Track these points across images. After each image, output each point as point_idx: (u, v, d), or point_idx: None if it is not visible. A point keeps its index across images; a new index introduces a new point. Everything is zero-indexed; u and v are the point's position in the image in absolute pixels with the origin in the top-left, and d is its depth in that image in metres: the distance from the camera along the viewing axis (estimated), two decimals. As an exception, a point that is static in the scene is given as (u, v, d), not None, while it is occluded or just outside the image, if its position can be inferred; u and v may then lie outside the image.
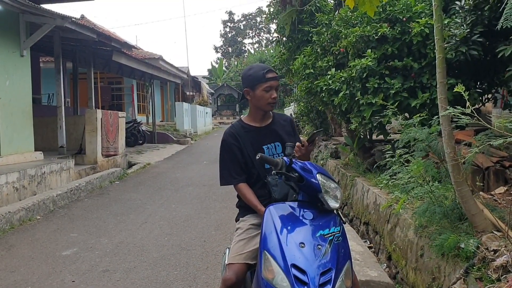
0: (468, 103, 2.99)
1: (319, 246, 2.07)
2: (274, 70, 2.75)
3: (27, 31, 9.13)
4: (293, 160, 2.37)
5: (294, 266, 2.00)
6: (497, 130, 3.10)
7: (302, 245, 2.06)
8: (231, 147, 2.73)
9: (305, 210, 2.28)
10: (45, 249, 5.36)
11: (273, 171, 2.40)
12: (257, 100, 2.71)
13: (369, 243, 5.30)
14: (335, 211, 2.33)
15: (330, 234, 2.14)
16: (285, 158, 2.38)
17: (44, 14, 8.74)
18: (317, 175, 2.31)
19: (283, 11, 11.02)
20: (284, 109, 35.05)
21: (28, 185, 7.61)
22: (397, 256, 4.21)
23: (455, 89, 3.00)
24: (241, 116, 2.82)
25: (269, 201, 2.44)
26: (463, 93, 2.92)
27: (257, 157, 2.38)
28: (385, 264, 4.49)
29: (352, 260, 2.26)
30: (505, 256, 2.78)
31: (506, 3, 2.89)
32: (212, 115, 39.99)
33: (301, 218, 2.24)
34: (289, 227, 2.18)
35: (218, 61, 54.80)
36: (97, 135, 10.84)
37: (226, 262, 2.64)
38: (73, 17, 9.29)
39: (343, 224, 2.30)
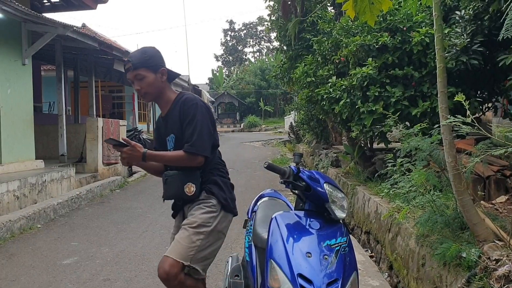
0: (468, 112, 3.00)
1: (326, 256, 2.07)
2: (130, 60, 2.56)
3: (29, 40, 9.17)
4: (301, 169, 2.37)
5: (301, 275, 1.99)
6: (497, 139, 3.10)
7: (309, 254, 2.06)
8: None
9: (311, 219, 2.27)
10: (45, 257, 5.34)
11: (281, 180, 2.39)
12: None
13: (370, 252, 5.29)
14: (341, 221, 2.32)
15: (336, 244, 2.13)
16: (292, 166, 2.38)
17: (46, 23, 8.79)
18: (324, 185, 2.30)
19: (285, 20, 11.10)
20: (285, 117, 35.13)
21: (28, 193, 7.61)
22: (398, 265, 4.20)
23: (456, 98, 3.01)
24: None
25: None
26: (463, 102, 2.93)
27: (265, 165, 2.33)
28: (386, 274, 4.48)
29: (355, 270, 2.26)
30: (507, 265, 2.77)
31: (507, 14, 2.90)
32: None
33: (307, 227, 2.23)
34: (295, 236, 2.17)
35: (219, 70, 54.95)
36: (98, 144, 10.84)
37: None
38: (74, 26, 9.33)
39: (350, 235, 2.30)
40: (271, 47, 58.40)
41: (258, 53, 65.87)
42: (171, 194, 2.65)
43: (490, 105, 5.87)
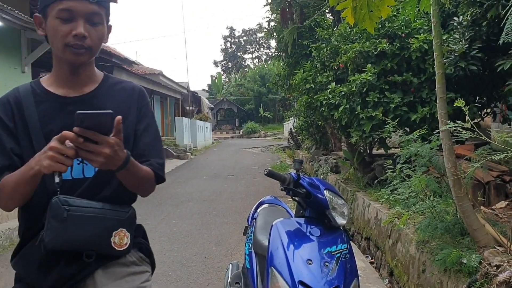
0: (468, 117, 3.01)
1: (326, 263, 2.06)
2: None
3: (29, 48, 9.19)
4: (301, 175, 2.37)
5: (301, 283, 1.99)
6: (497, 145, 3.11)
7: (310, 261, 2.05)
8: None
9: (312, 226, 2.27)
10: (45, 265, 5.32)
11: (281, 187, 2.39)
12: (50, 37, 1.49)
13: (370, 258, 5.27)
14: (342, 228, 2.32)
15: (337, 251, 2.13)
16: (292, 173, 2.38)
17: (46, 31, 8.80)
18: (325, 191, 2.31)
19: (283, 27, 11.14)
20: (284, 123, 35.15)
21: (28, 201, 7.59)
22: (399, 271, 4.19)
23: (455, 104, 3.02)
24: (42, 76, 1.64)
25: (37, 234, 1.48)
26: (463, 107, 2.93)
27: (265, 172, 2.29)
28: (387, 280, 4.46)
29: (356, 277, 2.26)
30: (507, 271, 2.76)
31: (507, 19, 2.92)
32: (212, 130, 40.14)
33: (308, 234, 2.23)
34: (296, 243, 2.17)
35: (217, 76, 55.07)
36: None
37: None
38: (74, 34, 9.34)
39: (350, 241, 2.30)
40: (270, 53, 58.60)
41: (257, 60, 66.14)
42: (81, 241, 1.44)
43: (489, 110, 5.89)
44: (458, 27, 5.05)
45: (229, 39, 67.02)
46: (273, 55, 14.58)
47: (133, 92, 1.66)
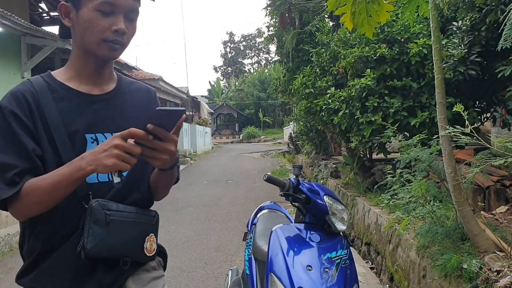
0: (467, 122, 3.00)
1: (326, 269, 2.06)
2: None
3: (28, 53, 9.19)
4: (301, 181, 2.36)
5: None
6: (496, 150, 3.10)
7: (309, 268, 2.05)
8: (7, 120, 1.30)
9: (312, 232, 2.27)
10: (44, 271, 5.31)
11: (280, 192, 2.38)
12: (82, 29, 1.36)
13: (371, 263, 5.26)
14: (342, 233, 2.32)
15: (337, 257, 2.13)
16: (292, 179, 2.37)
17: (46, 37, 8.82)
18: (324, 197, 2.30)
19: (282, 32, 11.16)
20: (284, 128, 35.16)
21: (27, 206, 7.57)
22: (399, 277, 4.18)
23: (454, 108, 3.02)
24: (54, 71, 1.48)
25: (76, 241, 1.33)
26: (462, 112, 2.93)
27: (265, 178, 2.27)
28: (387, 285, 4.45)
29: (356, 282, 2.25)
30: (508, 277, 2.76)
31: (505, 24, 2.92)
32: (212, 135, 40.17)
33: (308, 240, 2.23)
34: (296, 249, 2.16)
35: (217, 81, 55.16)
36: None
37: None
38: (74, 39, 9.35)
39: (350, 247, 2.30)
40: (270, 58, 58.78)
41: (257, 65, 66.26)
42: (121, 247, 1.38)
43: (488, 115, 5.89)
44: (457, 32, 5.05)
45: (229, 44, 67.21)
46: (274, 60, 14.61)
47: (149, 93, 1.60)
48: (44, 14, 12.48)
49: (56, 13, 12.21)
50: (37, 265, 1.36)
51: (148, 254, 1.46)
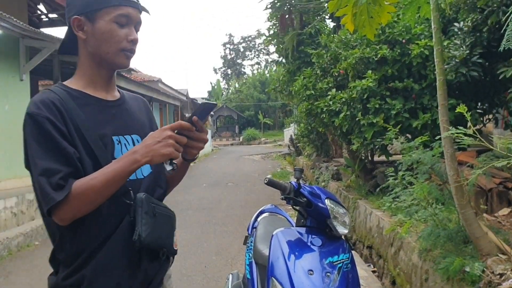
0: (469, 124, 2.97)
1: (328, 274, 2.03)
2: None
3: (27, 56, 9.18)
4: (302, 184, 2.34)
5: None
6: (499, 151, 3.07)
7: (311, 272, 2.02)
8: (44, 126, 1.33)
9: (313, 236, 2.24)
10: (43, 275, 5.24)
11: (281, 196, 2.36)
12: (99, 41, 1.45)
13: (373, 267, 5.22)
14: (343, 237, 2.29)
15: (339, 261, 2.10)
16: (293, 182, 2.35)
17: (44, 39, 8.80)
18: (326, 200, 2.28)
19: (282, 33, 11.13)
20: (284, 130, 35.14)
21: (26, 210, 7.54)
22: (401, 280, 4.15)
23: (457, 110, 2.98)
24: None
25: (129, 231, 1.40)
26: (465, 113, 2.90)
27: (265, 181, 2.26)
28: (389, 289, 4.42)
29: (357, 286, 2.22)
30: (511, 280, 2.73)
31: (507, 25, 2.89)
32: (212, 137, 40.15)
33: (309, 244, 2.21)
34: (297, 254, 2.14)
35: (217, 83, 55.22)
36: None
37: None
38: (73, 41, 9.33)
39: (352, 251, 2.27)
40: (269, 60, 58.82)
41: (257, 66, 66.35)
42: (163, 239, 1.49)
43: (490, 116, 5.86)
44: (459, 33, 5.03)
45: (228, 46, 67.34)
46: (274, 60, 14.56)
47: (143, 101, 1.72)
48: (43, 16, 12.47)
49: (55, 15, 12.22)
50: (85, 265, 1.39)
51: (175, 248, 1.56)
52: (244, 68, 67.31)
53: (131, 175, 1.36)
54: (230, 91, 55.33)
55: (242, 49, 67.25)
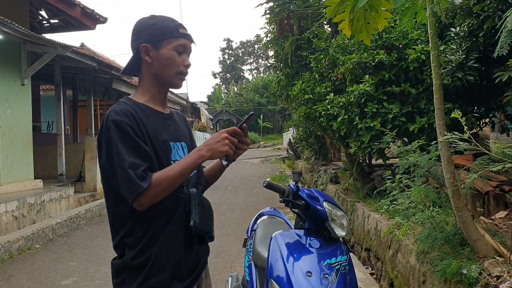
0: (466, 128, 3.02)
1: (326, 275, 2.06)
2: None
3: (28, 60, 9.23)
4: (300, 187, 2.37)
5: None
6: (495, 156, 3.12)
7: (309, 274, 2.05)
8: (127, 130, 1.64)
9: (311, 238, 2.27)
10: (44, 278, 5.31)
11: (280, 199, 2.39)
12: (162, 65, 1.77)
13: (370, 269, 5.26)
14: (341, 239, 2.32)
15: (337, 263, 2.13)
16: (291, 185, 2.38)
17: (45, 44, 8.85)
18: (324, 203, 2.31)
19: (280, 38, 11.18)
20: (283, 134, 35.14)
21: (27, 213, 7.58)
22: (399, 282, 4.18)
23: (453, 115, 3.03)
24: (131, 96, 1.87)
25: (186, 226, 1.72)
26: (460, 119, 2.95)
27: (264, 184, 2.29)
28: (387, 291, 4.45)
29: (356, 288, 2.25)
30: (508, 282, 2.76)
31: (501, 32, 2.94)
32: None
33: (307, 246, 2.23)
34: (295, 256, 2.17)
35: (217, 87, 55.22)
36: (96, 163, 10.83)
37: None
38: (73, 46, 9.39)
39: (350, 253, 2.30)
40: (268, 64, 58.82)
41: (255, 70, 66.37)
42: (206, 227, 1.80)
43: (487, 120, 5.90)
44: (455, 37, 5.08)
45: (227, 51, 67.39)
46: (271, 65, 14.54)
47: (183, 116, 2.07)
48: (44, 22, 12.51)
49: (56, 20, 12.26)
50: (151, 246, 1.68)
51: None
52: (243, 73, 67.35)
53: (197, 168, 1.77)
54: (229, 95, 55.30)
55: (241, 54, 67.31)
